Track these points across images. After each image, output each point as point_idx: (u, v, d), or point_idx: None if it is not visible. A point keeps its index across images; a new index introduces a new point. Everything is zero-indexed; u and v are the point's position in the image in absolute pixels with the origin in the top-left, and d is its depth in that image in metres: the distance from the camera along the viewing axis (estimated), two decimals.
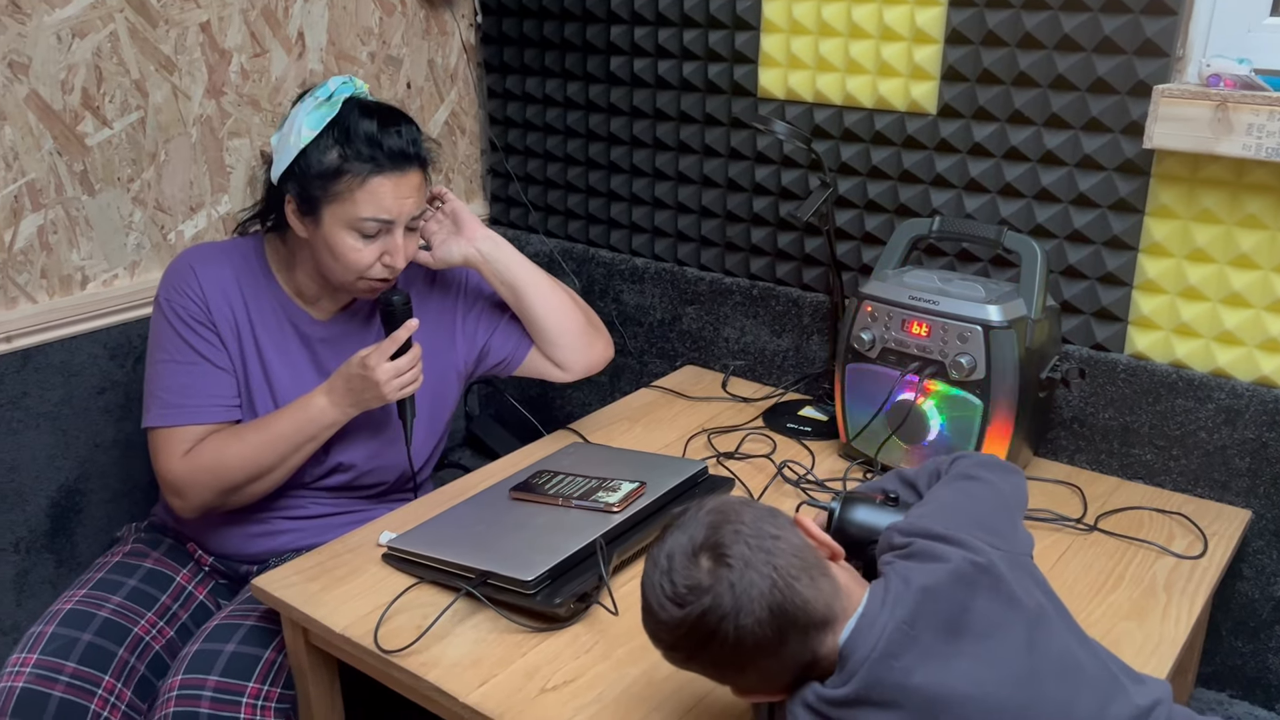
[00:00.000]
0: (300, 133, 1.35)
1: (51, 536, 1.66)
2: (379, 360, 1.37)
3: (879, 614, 0.91)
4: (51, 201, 1.60)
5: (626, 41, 1.92)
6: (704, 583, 0.89)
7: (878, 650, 0.89)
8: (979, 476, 1.06)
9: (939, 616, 0.91)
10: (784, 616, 0.88)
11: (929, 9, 1.57)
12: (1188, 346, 1.50)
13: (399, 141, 1.37)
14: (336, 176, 1.35)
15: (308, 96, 1.39)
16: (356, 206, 1.35)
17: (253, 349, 1.46)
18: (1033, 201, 1.57)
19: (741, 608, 0.88)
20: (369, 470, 1.52)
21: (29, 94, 1.54)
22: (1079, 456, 1.59)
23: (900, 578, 0.94)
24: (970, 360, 1.42)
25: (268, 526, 1.49)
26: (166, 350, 1.43)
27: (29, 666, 1.30)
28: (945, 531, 0.96)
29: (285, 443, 1.40)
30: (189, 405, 1.42)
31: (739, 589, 0.88)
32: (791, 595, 0.89)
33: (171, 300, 1.43)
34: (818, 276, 1.82)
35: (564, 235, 2.15)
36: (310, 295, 1.49)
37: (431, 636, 1.18)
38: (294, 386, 1.47)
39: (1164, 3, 1.39)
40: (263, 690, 1.30)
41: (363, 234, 1.37)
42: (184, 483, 1.40)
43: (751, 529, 0.91)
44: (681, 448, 1.64)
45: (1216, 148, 1.34)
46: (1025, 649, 0.91)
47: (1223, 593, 1.51)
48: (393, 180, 1.36)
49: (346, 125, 1.36)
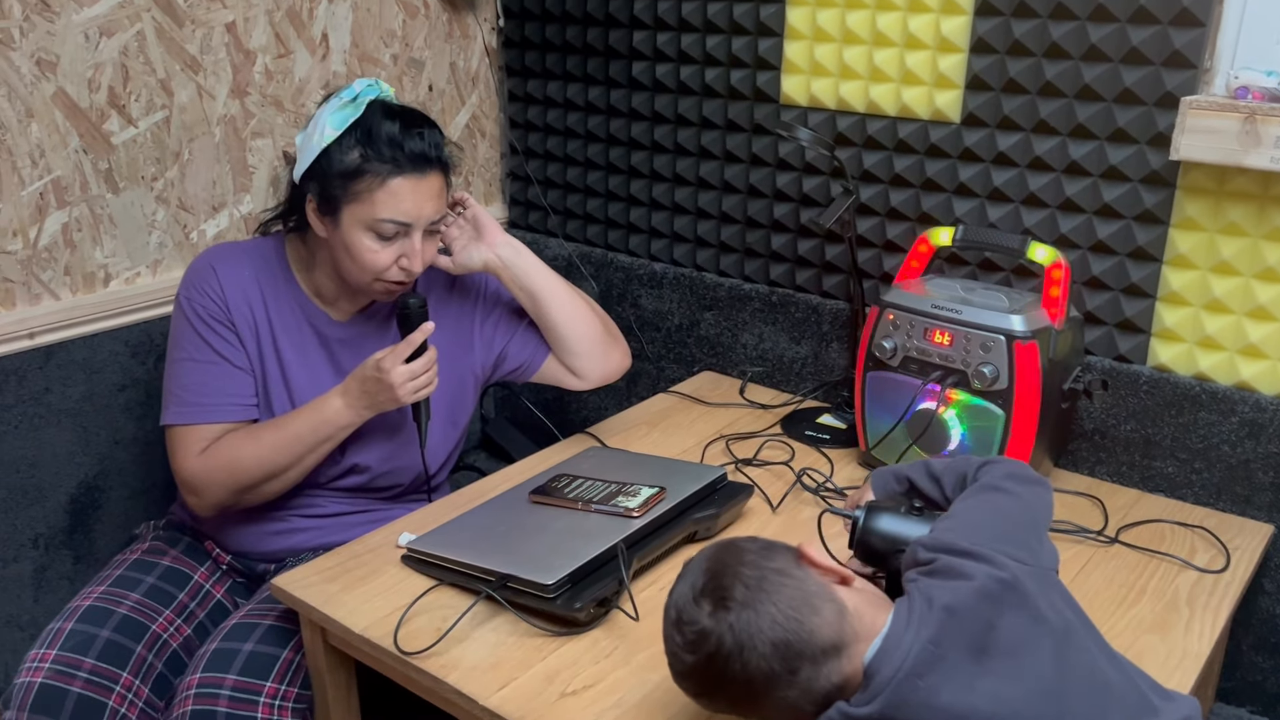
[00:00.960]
0: (324, 132, 1.36)
1: (70, 533, 1.66)
2: (394, 363, 1.37)
3: (904, 634, 0.91)
4: (76, 199, 1.60)
5: (649, 47, 1.92)
6: (707, 627, 0.92)
7: (903, 670, 0.89)
8: (1006, 489, 1.05)
9: (965, 635, 0.90)
10: (789, 649, 0.90)
11: (954, 17, 1.57)
12: (1211, 359, 1.49)
13: (421, 144, 1.37)
14: (357, 176, 1.35)
15: (333, 98, 1.39)
16: (375, 207, 1.36)
17: (271, 349, 1.46)
18: (1056, 212, 1.56)
19: (745, 645, 0.90)
20: (385, 472, 1.52)
21: (56, 92, 1.54)
22: (1100, 468, 1.58)
23: (924, 597, 0.93)
24: (993, 370, 1.41)
25: (285, 525, 1.49)
26: (185, 349, 1.44)
27: (48, 662, 1.30)
28: (970, 547, 0.95)
29: (300, 443, 1.40)
30: (206, 404, 1.42)
31: (738, 629, 0.90)
32: (795, 628, 0.90)
33: (192, 299, 1.44)
34: (837, 284, 1.82)
35: (583, 239, 2.15)
36: (329, 296, 1.49)
37: (451, 639, 1.18)
38: (311, 387, 1.47)
39: (1192, 14, 1.38)
40: (280, 690, 1.30)
41: (380, 235, 1.37)
42: (200, 481, 1.41)
43: (750, 569, 0.93)
44: (699, 453, 1.64)
45: (1244, 160, 1.33)
46: (1052, 666, 0.90)
47: (1244, 608, 1.50)
48: (412, 182, 1.37)
49: (369, 126, 1.36)
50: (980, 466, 1.10)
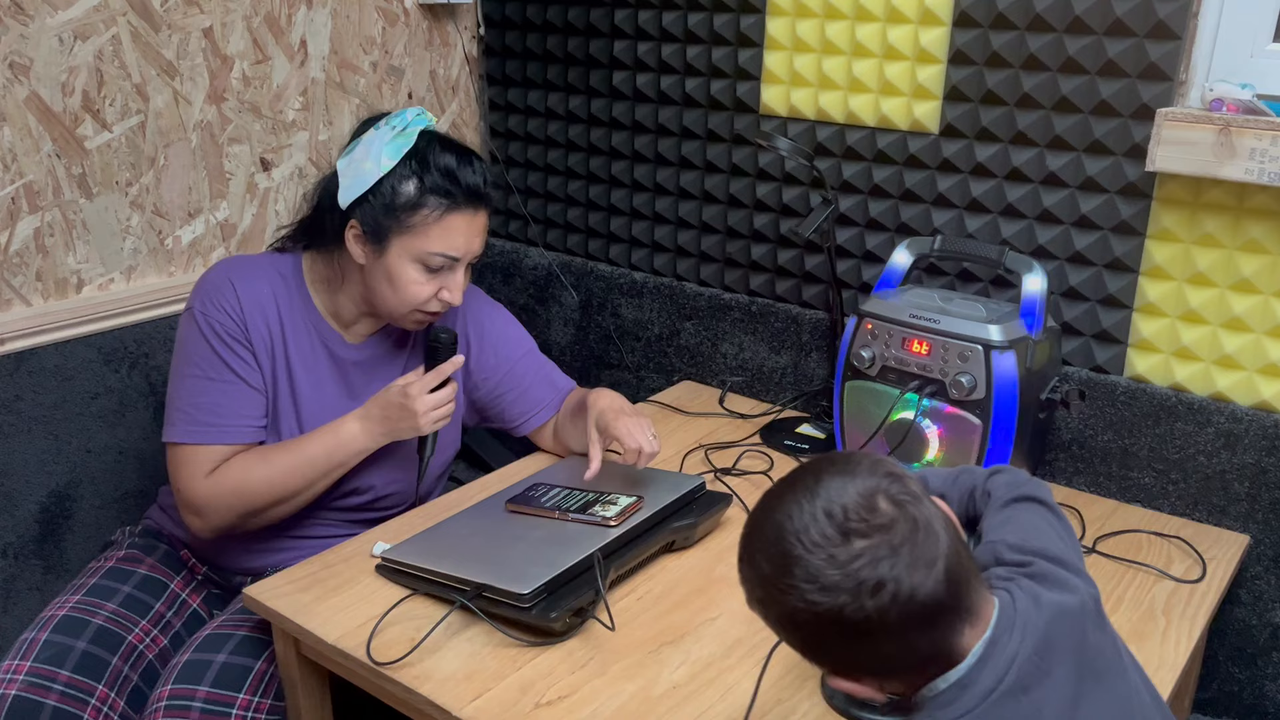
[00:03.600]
0: (380, 161, 1.34)
1: (40, 543, 1.64)
2: (420, 391, 1.36)
3: (1009, 639, 0.80)
4: (49, 204, 1.58)
5: (630, 56, 1.92)
6: (893, 515, 0.78)
7: (1006, 682, 0.79)
8: (1046, 501, 0.96)
9: (1068, 650, 0.81)
10: (954, 584, 0.78)
11: (933, 29, 1.58)
12: (1188, 370, 1.49)
13: (475, 178, 1.37)
14: (413, 210, 1.34)
15: (383, 125, 1.38)
16: (429, 241, 1.35)
17: (284, 368, 1.44)
18: (1034, 222, 1.57)
19: (920, 559, 0.76)
20: (386, 495, 1.51)
21: (29, 95, 1.53)
22: (1077, 479, 1.59)
23: (1030, 597, 0.83)
24: (970, 380, 1.41)
25: (267, 544, 1.47)
26: (199, 366, 1.39)
27: (22, 674, 1.28)
28: (1063, 555, 0.87)
29: (313, 468, 1.39)
30: (219, 424, 1.39)
31: (923, 518, 0.78)
32: (965, 573, 0.79)
33: (208, 314, 1.40)
34: (817, 294, 1.82)
35: (563, 249, 2.15)
36: (347, 319, 1.47)
37: (425, 649, 1.16)
38: (321, 408, 1.45)
39: (1168, 27, 1.39)
40: (253, 702, 1.28)
41: (428, 267, 1.37)
42: (206, 504, 1.38)
43: (922, 490, 0.82)
44: (678, 463, 1.63)
45: (1219, 172, 1.34)
46: (1126, 695, 0.85)
47: (1220, 618, 1.50)
48: (467, 219, 1.37)
49: (426, 157, 1.35)
50: (989, 477, 1.01)
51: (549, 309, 2.15)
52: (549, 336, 2.17)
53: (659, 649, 1.18)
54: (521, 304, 2.19)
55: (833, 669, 0.84)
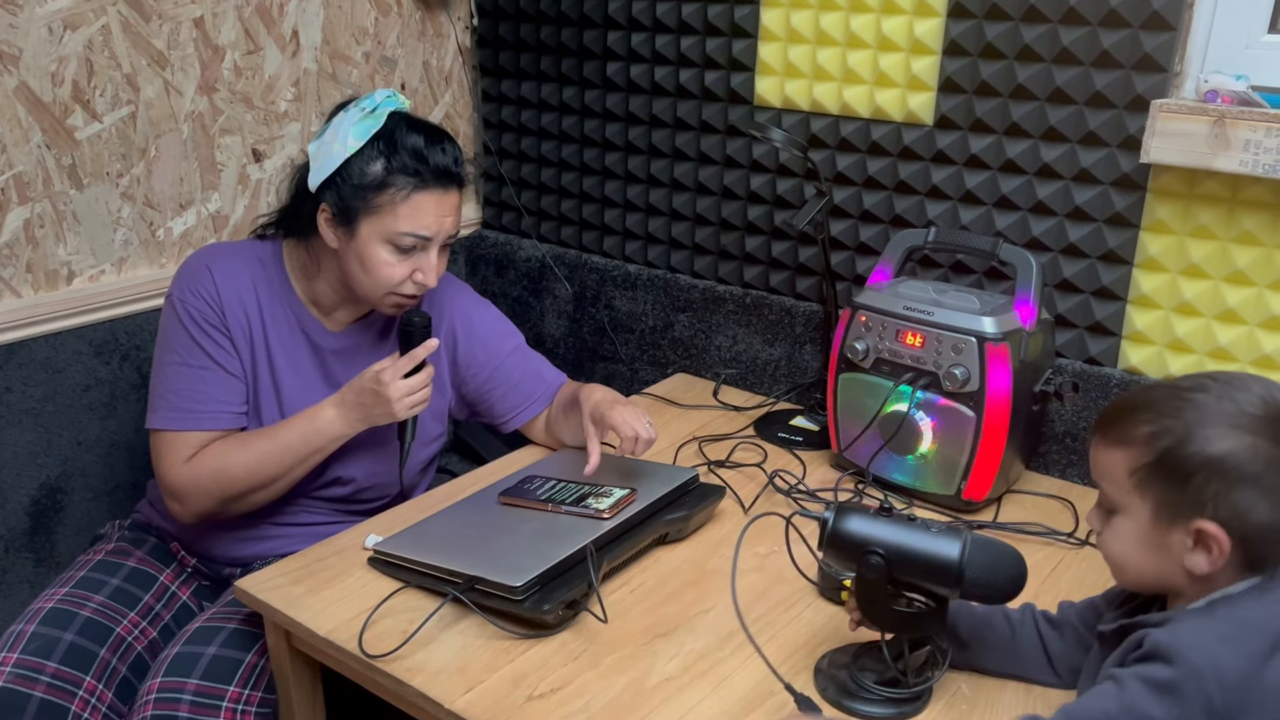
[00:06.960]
0: (346, 142, 1.34)
1: (31, 535, 1.63)
2: (393, 376, 1.35)
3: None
4: (39, 195, 1.58)
5: (623, 47, 1.91)
6: None
7: None
8: None
9: None
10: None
11: (927, 20, 1.57)
12: (1181, 362, 1.49)
13: (444, 159, 1.36)
14: (379, 189, 1.33)
15: (351, 107, 1.37)
16: (397, 221, 1.34)
17: (264, 355, 1.44)
18: (1028, 214, 1.56)
19: None
20: (368, 486, 1.50)
21: (18, 85, 1.52)
22: (1071, 471, 1.58)
23: None
24: (964, 372, 1.41)
25: (255, 531, 1.47)
26: (178, 352, 1.40)
27: (9, 665, 1.27)
28: None
29: (290, 454, 1.38)
30: (196, 410, 1.39)
31: None
32: None
33: (186, 301, 1.40)
34: (811, 286, 1.82)
35: (557, 241, 2.14)
36: (327, 305, 1.47)
37: (417, 642, 1.16)
38: (302, 395, 1.45)
39: (1163, 18, 1.39)
40: (244, 694, 1.28)
41: (398, 248, 1.36)
42: (185, 489, 1.38)
43: None
44: (672, 455, 1.63)
45: (1213, 163, 1.34)
46: None
47: None
48: (435, 197, 1.36)
49: (393, 138, 1.34)
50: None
51: (543, 301, 2.15)
52: (542, 329, 2.16)
53: (652, 641, 1.18)
54: (515, 296, 2.19)
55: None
